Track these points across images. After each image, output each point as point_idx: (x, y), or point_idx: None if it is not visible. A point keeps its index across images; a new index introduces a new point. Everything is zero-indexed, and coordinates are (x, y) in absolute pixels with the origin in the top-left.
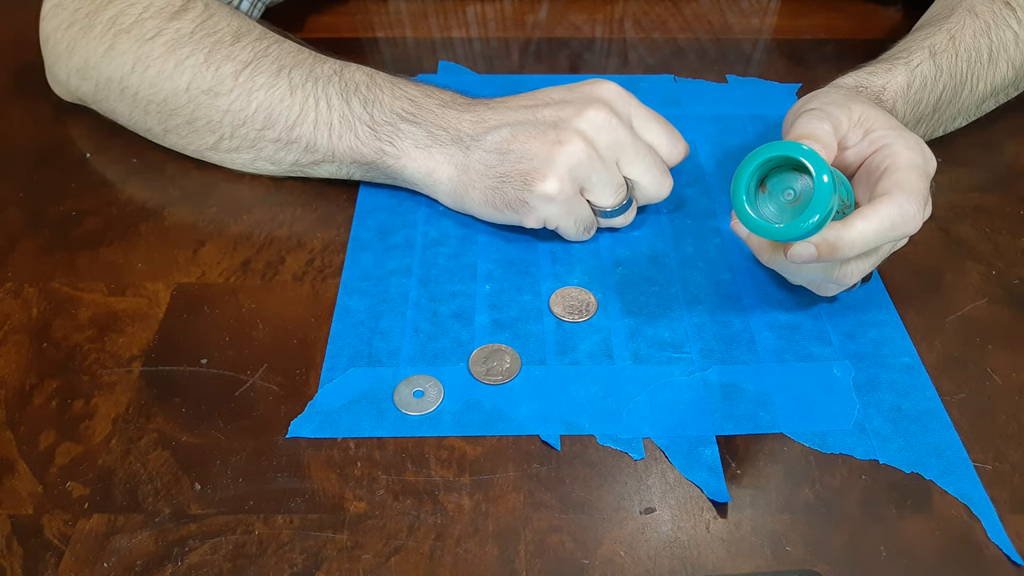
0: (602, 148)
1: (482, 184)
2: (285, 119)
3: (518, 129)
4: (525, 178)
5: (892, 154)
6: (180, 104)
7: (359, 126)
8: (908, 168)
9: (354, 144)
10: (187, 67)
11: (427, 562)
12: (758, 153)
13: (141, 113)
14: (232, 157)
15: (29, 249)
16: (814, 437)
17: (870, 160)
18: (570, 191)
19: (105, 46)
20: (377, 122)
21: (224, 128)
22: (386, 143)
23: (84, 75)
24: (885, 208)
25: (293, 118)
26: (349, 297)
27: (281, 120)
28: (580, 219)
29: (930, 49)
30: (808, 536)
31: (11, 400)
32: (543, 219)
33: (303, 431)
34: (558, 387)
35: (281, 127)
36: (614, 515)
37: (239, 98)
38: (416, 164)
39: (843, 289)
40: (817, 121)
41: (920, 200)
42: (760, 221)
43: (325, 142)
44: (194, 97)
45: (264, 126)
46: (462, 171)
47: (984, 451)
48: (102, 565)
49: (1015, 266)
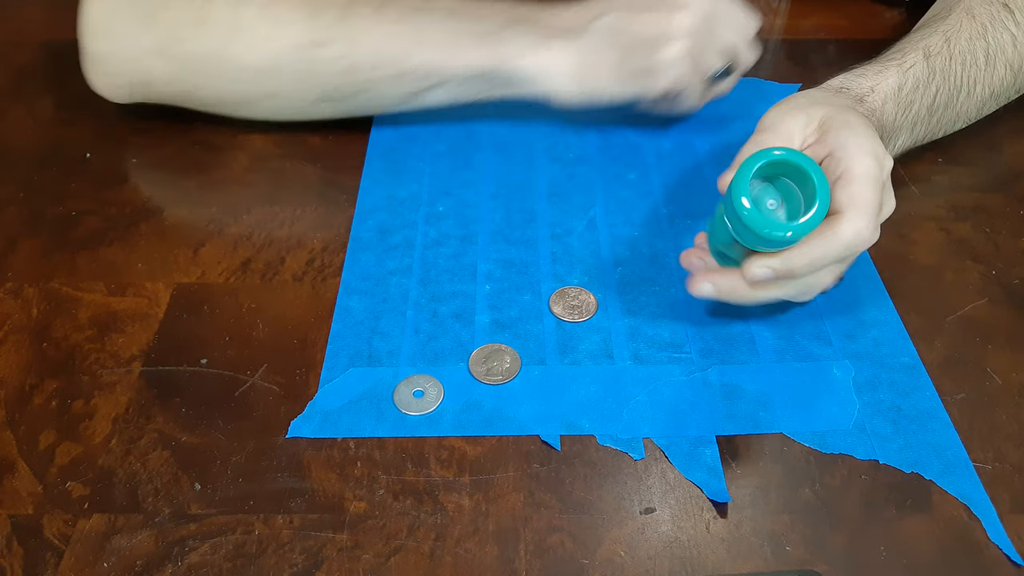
0: (707, 15)
1: (606, 63)
2: (395, 54)
3: (625, 10)
4: (650, 45)
5: (844, 159)
6: (284, 63)
7: (468, 41)
8: (862, 179)
9: (468, 59)
10: (288, 23)
11: (427, 562)
12: (743, 171)
13: (234, 84)
14: (337, 107)
15: (29, 249)
16: (814, 437)
17: (825, 163)
18: (695, 49)
19: (193, 17)
20: (486, 31)
21: (333, 78)
22: (500, 47)
23: (166, 53)
24: (839, 228)
25: (403, 50)
26: (349, 297)
27: (391, 56)
28: (702, 78)
29: (924, 51)
30: (808, 536)
31: (11, 400)
32: (672, 80)
33: (303, 431)
34: (558, 387)
35: (391, 63)
36: (614, 515)
37: (346, 44)
38: (533, 61)
39: (818, 293)
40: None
41: (872, 215)
42: (781, 224)
43: (439, 64)
44: (300, 53)
45: (375, 66)
46: (582, 56)
47: (984, 451)
48: (102, 565)
49: (1015, 266)
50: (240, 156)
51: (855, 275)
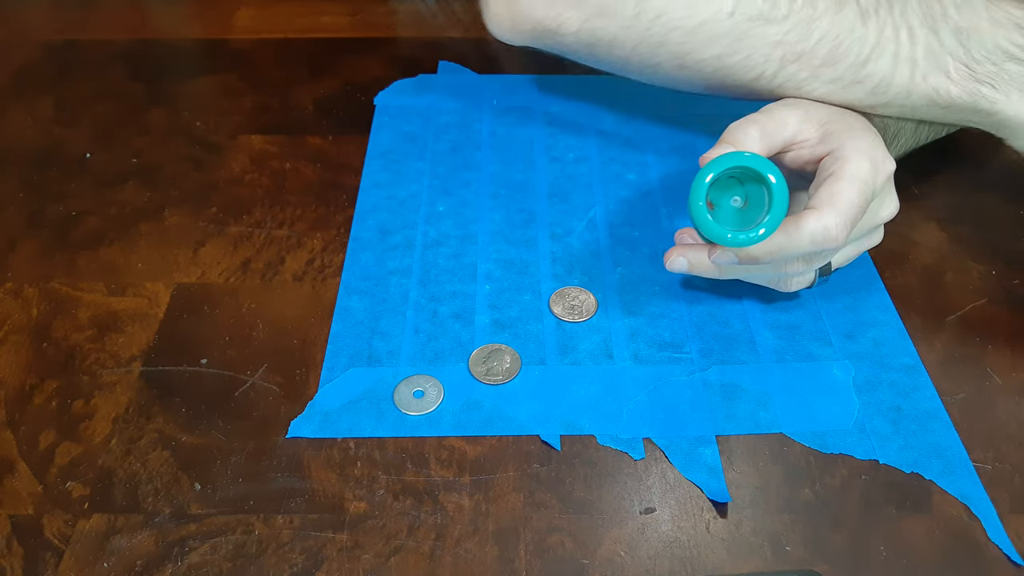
0: None
1: None
2: (855, 54)
3: None
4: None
5: (840, 159)
6: (718, 33)
7: (950, 63)
8: (848, 180)
9: (941, 84)
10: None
11: (427, 562)
12: (703, 173)
13: (650, 46)
14: (751, 94)
15: (29, 249)
16: (814, 437)
17: (824, 161)
18: None
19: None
20: (975, 59)
21: (770, 64)
22: (985, 84)
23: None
24: (807, 223)
25: (865, 53)
26: (349, 297)
27: (849, 55)
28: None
29: None
30: (808, 536)
31: (11, 400)
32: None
33: (303, 431)
34: (558, 387)
35: (847, 64)
36: (614, 515)
37: (797, 26)
38: (1018, 111)
39: (803, 287)
40: (741, 128)
41: (846, 215)
42: (739, 235)
43: (903, 81)
44: (739, 24)
45: (825, 62)
46: None
47: (984, 451)
48: (102, 565)
49: (1015, 266)
50: (240, 156)
51: (855, 275)
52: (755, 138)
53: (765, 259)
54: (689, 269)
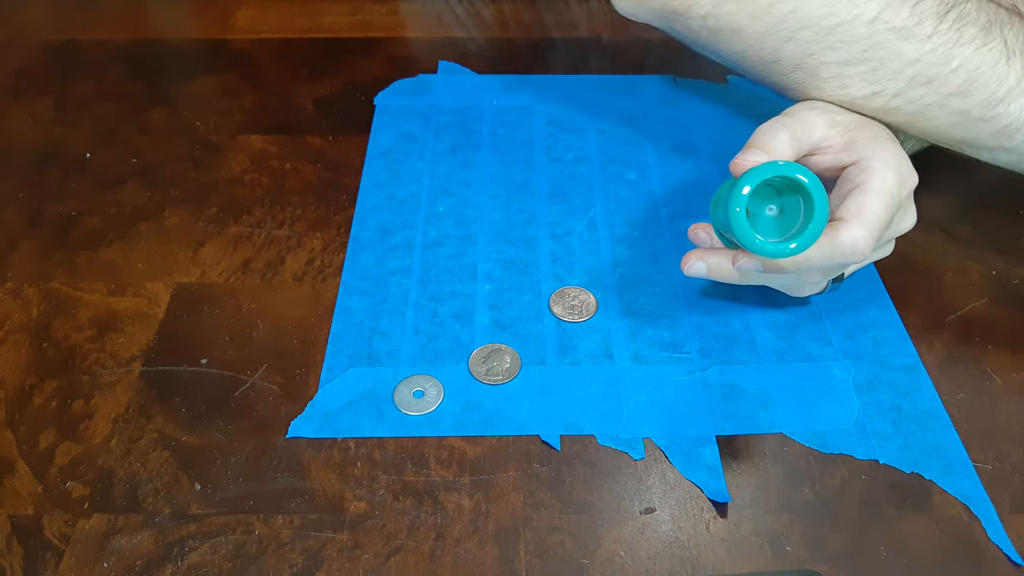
0: None
1: None
2: (991, 91)
3: None
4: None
5: (867, 170)
6: (853, 37)
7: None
8: (875, 193)
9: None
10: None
11: (427, 562)
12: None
13: (777, 40)
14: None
15: (29, 249)
16: (814, 437)
17: (849, 170)
18: None
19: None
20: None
21: (898, 81)
22: None
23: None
24: (837, 235)
25: (1001, 93)
26: (349, 297)
27: (985, 90)
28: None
29: None
30: (808, 536)
31: (11, 400)
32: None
33: (303, 431)
34: (558, 387)
35: (979, 99)
36: (614, 515)
37: (937, 48)
38: None
39: (814, 293)
40: (772, 132)
41: (874, 228)
42: (778, 245)
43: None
44: (877, 32)
45: (956, 92)
46: None
47: (984, 451)
48: (102, 565)
49: (1015, 266)
50: (240, 156)
51: (855, 275)
52: (785, 142)
53: (790, 268)
54: (708, 274)
